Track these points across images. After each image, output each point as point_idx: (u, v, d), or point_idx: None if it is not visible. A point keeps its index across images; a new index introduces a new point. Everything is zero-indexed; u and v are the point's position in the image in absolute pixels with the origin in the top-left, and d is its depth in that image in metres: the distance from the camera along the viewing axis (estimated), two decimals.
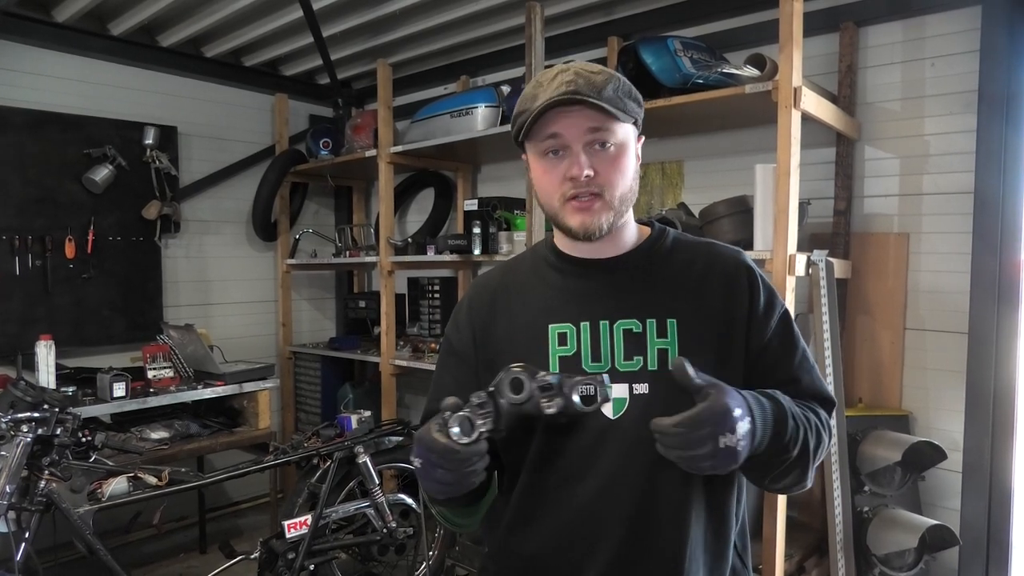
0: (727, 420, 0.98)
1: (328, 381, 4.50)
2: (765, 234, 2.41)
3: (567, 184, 1.15)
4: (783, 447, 1.09)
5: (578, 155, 1.14)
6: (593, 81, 1.13)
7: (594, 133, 1.14)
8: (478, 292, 1.34)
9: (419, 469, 1.07)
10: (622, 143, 1.17)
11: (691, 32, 3.11)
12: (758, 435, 1.04)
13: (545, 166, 1.18)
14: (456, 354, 1.31)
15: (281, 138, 4.54)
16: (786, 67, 2.27)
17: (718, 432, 0.97)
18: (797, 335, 1.24)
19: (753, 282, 1.22)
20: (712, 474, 1.03)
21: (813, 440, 1.14)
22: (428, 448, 1.04)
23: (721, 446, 0.97)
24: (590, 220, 1.15)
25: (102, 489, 2.53)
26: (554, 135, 1.15)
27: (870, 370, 2.85)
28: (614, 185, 1.16)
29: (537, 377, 1.04)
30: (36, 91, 3.61)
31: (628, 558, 1.15)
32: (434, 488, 1.07)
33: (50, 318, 3.58)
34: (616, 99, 1.14)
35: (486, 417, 1.03)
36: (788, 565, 2.51)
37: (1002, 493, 2.55)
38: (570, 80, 1.13)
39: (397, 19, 3.71)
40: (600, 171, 1.14)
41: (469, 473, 1.04)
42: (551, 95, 1.12)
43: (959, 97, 2.63)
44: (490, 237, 3.41)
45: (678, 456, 0.99)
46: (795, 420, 1.11)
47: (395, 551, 3.05)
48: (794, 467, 1.13)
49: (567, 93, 1.11)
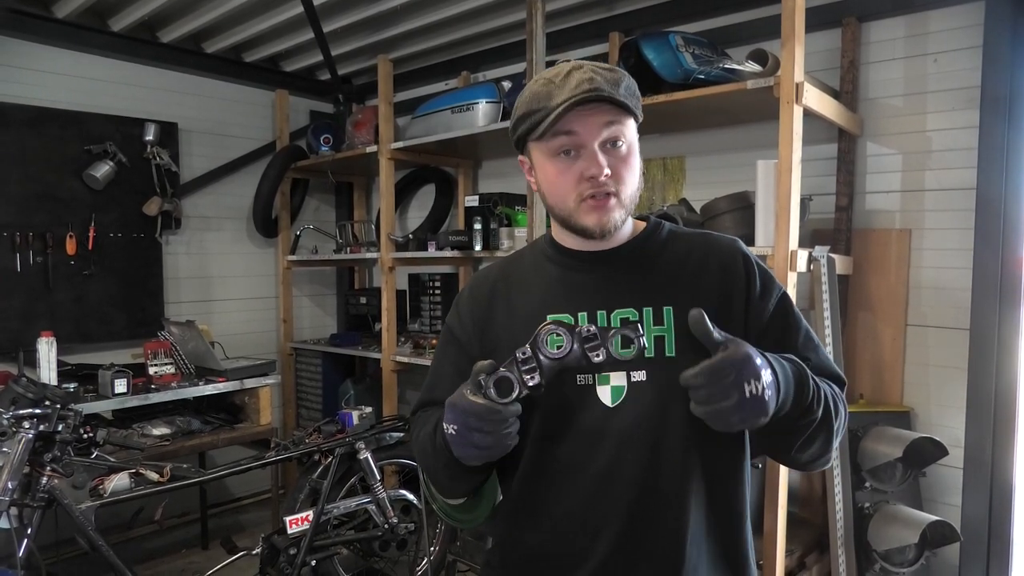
0: (750, 366, 0.98)
1: (329, 377, 4.50)
2: (767, 230, 2.40)
3: (584, 184, 1.15)
4: (808, 406, 1.08)
5: (595, 154, 1.14)
6: (609, 78, 1.14)
7: (609, 128, 1.14)
8: (478, 284, 1.35)
9: (454, 435, 1.06)
10: (631, 142, 1.18)
11: (693, 27, 3.11)
12: (782, 391, 1.03)
13: (559, 166, 1.17)
14: (456, 343, 1.32)
15: (282, 134, 4.54)
16: (788, 63, 2.27)
17: (743, 379, 0.97)
18: (798, 316, 1.24)
19: (749, 268, 1.22)
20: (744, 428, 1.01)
21: (833, 407, 1.14)
22: (465, 411, 1.04)
23: (747, 395, 0.97)
24: (606, 218, 1.16)
25: (104, 485, 2.53)
26: (570, 132, 1.14)
27: (871, 366, 2.85)
28: (627, 183, 1.17)
29: (577, 330, 1.04)
30: (37, 87, 3.60)
31: (630, 545, 1.16)
32: (471, 454, 1.06)
33: (51, 315, 3.59)
34: (629, 96, 1.16)
35: (531, 372, 1.03)
36: (789, 561, 2.51)
37: (1003, 489, 2.55)
38: (590, 78, 1.12)
39: (398, 15, 3.71)
40: (614, 170, 1.15)
41: (507, 435, 1.04)
42: (572, 93, 1.11)
43: (961, 93, 2.62)
44: (491, 233, 3.41)
45: (706, 412, 0.99)
46: (815, 381, 1.11)
47: (396, 547, 3.06)
48: (819, 432, 1.12)
49: (591, 91, 1.11)
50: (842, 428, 1.18)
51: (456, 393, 1.07)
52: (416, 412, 1.36)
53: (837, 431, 1.15)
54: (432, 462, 1.20)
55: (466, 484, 1.23)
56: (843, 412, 1.18)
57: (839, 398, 1.19)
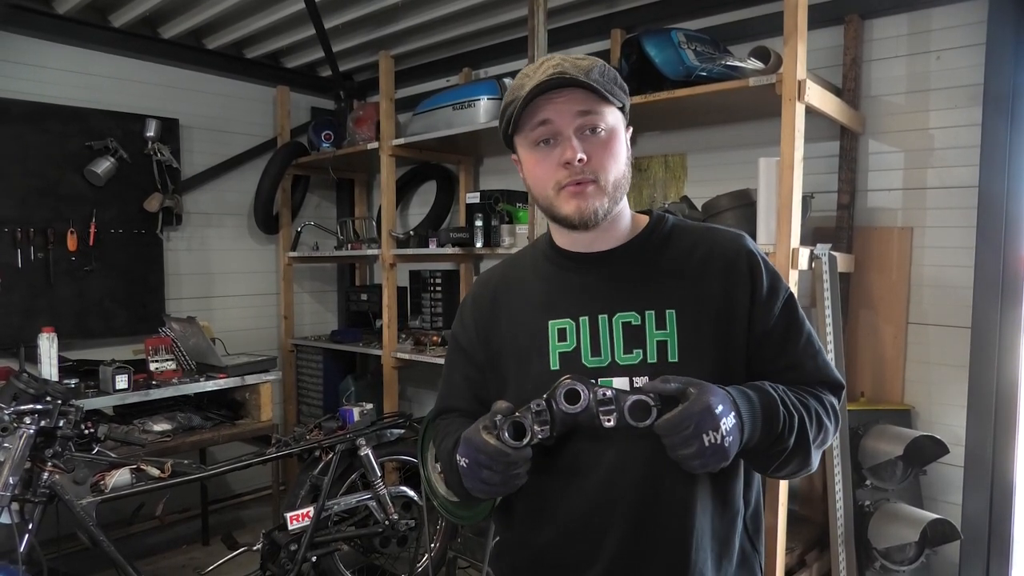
0: (709, 418, 0.99)
1: (330, 374, 4.50)
2: (768, 228, 2.40)
3: (561, 172, 1.14)
4: (777, 437, 1.09)
5: (570, 139, 1.13)
6: (579, 65, 1.14)
7: (584, 117, 1.14)
8: (480, 289, 1.36)
9: (465, 469, 1.09)
10: (612, 128, 1.17)
11: (695, 24, 3.10)
12: (747, 429, 1.05)
13: (537, 156, 1.17)
14: (463, 351, 1.33)
15: (283, 130, 4.53)
16: (790, 60, 2.26)
17: (701, 431, 0.99)
18: (802, 319, 1.23)
19: (755, 267, 1.20)
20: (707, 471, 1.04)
21: (813, 427, 1.13)
22: (477, 449, 1.06)
23: (707, 444, 0.99)
24: (585, 205, 1.14)
25: (105, 481, 2.54)
26: (544, 121, 1.14)
27: (872, 364, 2.85)
28: (607, 169, 1.15)
29: (594, 390, 1.07)
30: (37, 83, 3.60)
31: (636, 547, 1.16)
32: (479, 488, 1.10)
33: (52, 310, 3.59)
34: (603, 81, 1.14)
35: (543, 424, 1.06)
36: (789, 558, 2.52)
37: (1004, 488, 2.55)
38: (556, 64, 1.14)
39: (399, 11, 3.70)
40: (593, 156, 1.14)
41: (515, 476, 1.07)
42: (538, 79, 1.12)
43: (964, 91, 2.62)
44: (492, 230, 3.41)
45: (672, 456, 1.03)
46: (788, 409, 1.10)
47: (397, 543, 3.06)
48: (794, 456, 1.13)
49: (555, 75, 1.11)
50: (827, 439, 1.18)
51: (472, 428, 1.09)
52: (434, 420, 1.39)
53: (815, 447, 1.15)
54: (452, 477, 1.22)
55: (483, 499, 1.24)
56: (829, 425, 1.18)
57: (828, 410, 1.18)
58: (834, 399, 1.21)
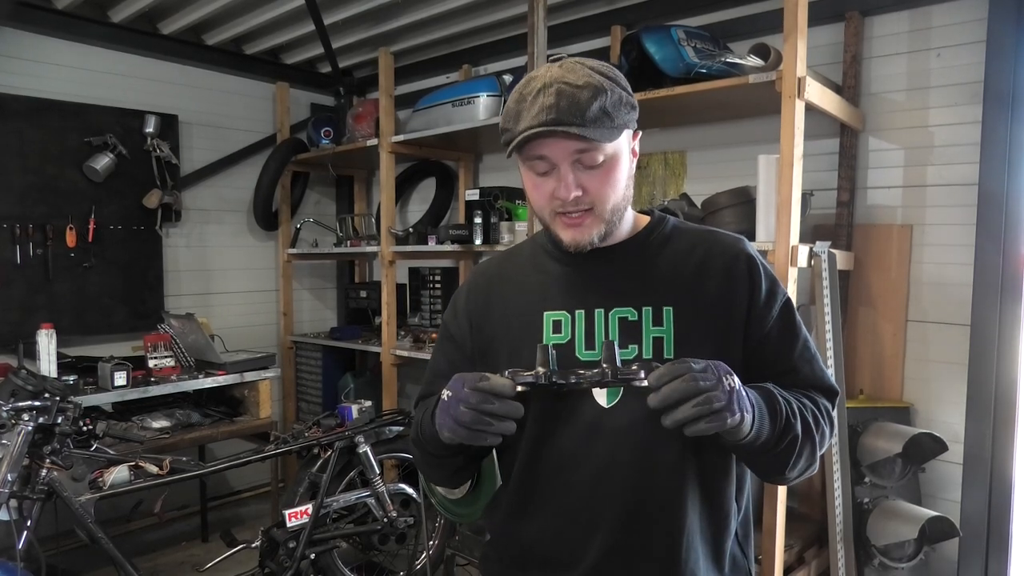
0: (723, 367, 0.99)
1: (329, 371, 4.50)
2: (768, 225, 2.40)
3: (556, 202, 1.14)
4: (784, 426, 1.08)
5: (566, 176, 1.11)
6: (578, 100, 1.05)
7: (582, 154, 1.10)
8: (476, 279, 1.35)
9: (444, 401, 1.04)
10: (612, 155, 1.12)
11: (695, 21, 3.09)
12: (756, 423, 1.03)
13: (534, 181, 1.16)
14: (452, 339, 1.32)
15: (282, 127, 4.53)
16: (790, 57, 2.26)
17: (721, 372, 0.98)
18: (798, 324, 1.23)
19: (754, 271, 1.20)
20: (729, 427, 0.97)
21: (813, 420, 1.13)
22: (463, 380, 1.03)
23: (727, 387, 0.96)
24: (580, 235, 1.15)
25: (103, 478, 2.53)
26: (541, 156, 1.12)
27: (872, 362, 2.85)
28: (605, 199, 1.14)
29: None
30: (36, 78, 3.59)
31: (625, 544, 1.15)
32: (446, 424, 1.03)
33: (51, 307, 3.58)
34: (602, 118, 1.07)
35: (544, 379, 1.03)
36: (788, 556, 2.52)
37: (1002, 485, 2.55)
38: (551, 105, 1.05)
39: (399, 7, 3.69)
40: (589, 188, 1.12)
41: (487, 424, 1.00)
42: (531, 122, 1.07)
43: (964, 88, 2.61)
44: (491, 227, 3.41)
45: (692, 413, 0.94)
46: (785, 398, 1.10)
47: (396, 540, 3.06)
48: (804, 445, 1.11)
49: (546, 123, 1.05)
50: (823, 442, 1.17)
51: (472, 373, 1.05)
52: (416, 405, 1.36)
53: (820, 443, 1.15)
54: (418, 436, 1.21)
55: (442, 470, 1.22)
56: (825, 429, 1.17)
57: (823, 413, 1.17)
58: (828, 404, 1.21)
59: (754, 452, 1.08)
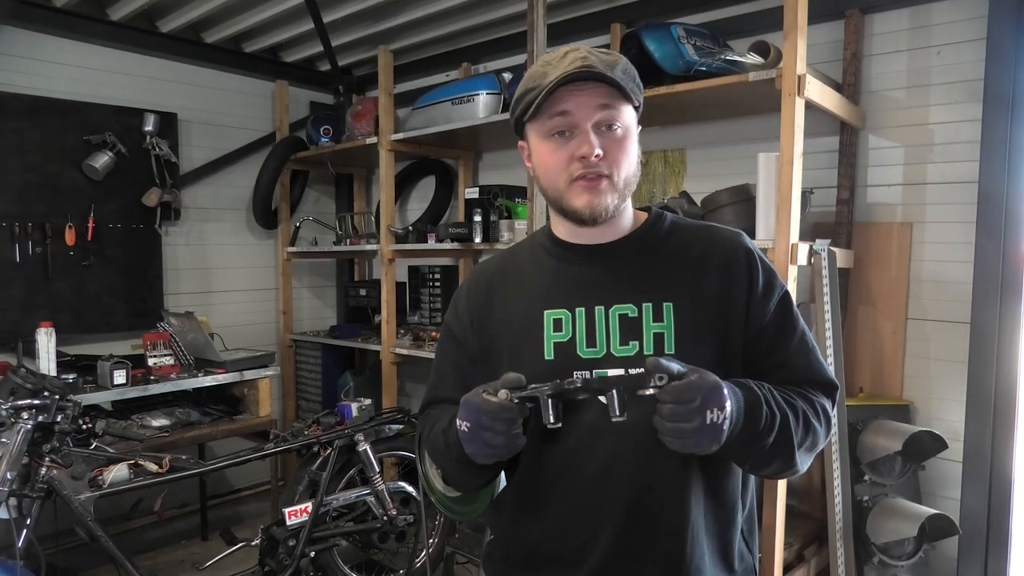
0: (717, 395, 0.99)
1: (329, 369, 4.50)
2: (768, 223, 2.39)
3: (575, 164, 1.14)
4: (757, 434, 1.07)
5: (588, 133, 1.13)
6: (605, 60, 1.14)
7: (604, 111, 1.13)
8: (476, 279, 1.35)
9: (466, 433, 1.07)
10: (627, 126, 1.17)
11: (695, 19, 3.09)
12: (732, 419, 1.03)
13: (551, 146, 1.16)
14: (455, 339, 1.32)
15: (281, 125, 4.53)
16: (790, 55, 2.26)
17: (707, 407, 0.98)
18: (796, 317, 1.23)
19: (752, 264, 1.20)
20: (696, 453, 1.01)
21: (799, 430, 1.12)
22: (479, 410, 1.04)
23: (707, 421, 0.97)
24: (597, 200, 1.15)
25: (103, 476, 2.53)
26: (564, 112, 1.13)
27: (871, 360, 2.84)
28: (621, 167, 1.16)
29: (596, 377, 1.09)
30: (35, 76, 3.59)
31: (630, 543, 1.15)
32: (481, 451, 1.07)
33: (50, 305, 3.58)
34: (626, 79, 1.15)
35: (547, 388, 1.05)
36: (788, 554, 2.52)
37: (1002, 483, 2.55)
38: (584, 56, 1.13)
39: (398, 5, 3.69)
40: (608, 152, 1.14)
41: (517, 435, 1.05)
42: (565, 69, 1.11)
43: (964, 86, 2.61)
44: (491, 225, 3.40)
45: (667, 428, 0.99)
46: (771, 408, 1.09)
47: (395, 538, 3.07)
48: (774, 456, 1.11)
49: (583, 68, 1.10)
50: (816, 440, 1.16)
51: (471, 392, 1.08)
52: (424, 410, 1.36)
53: (800, 449, 1.13)
54: (444, 459, 1.20)
55: (478, 479, 1.22)
56: (817, 427, 1.16)
57: (818, 412, 1.17)
58: (826, 401, 1.20)
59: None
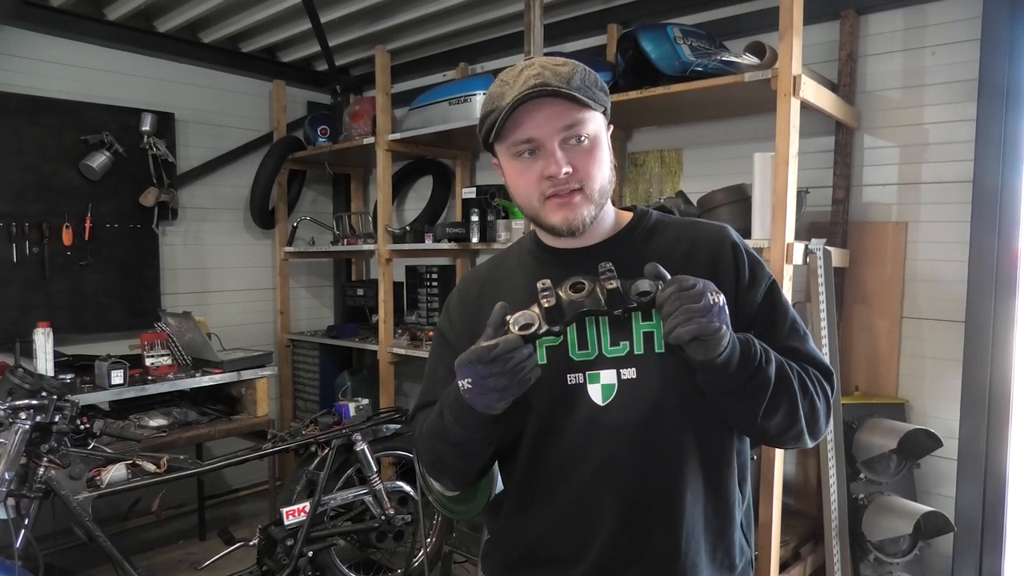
0: (712, 285, 1.02)
1: (326, 369, 4.50)
2: (763, 223, 2.41)
3: (545, 183, 1.15)
4: (756, 367, 1.07)
5: (554, 152, 1.13)
6: (559, 73, 1.12)
7: (567, 130, 1.13)
8: (467, 285, 1.36)
9: (470, 388, 1.05)
10: (595, 135, 1.16)
11: (691, 19, 3.10)
12: (728, 340, 1.03)
13: (520, 167, 1.17)
14: (448, 345, 1.32)
15: (279, 125, 4.53)
16: (786, 55, 2.27)
17: (706, 288, 1.00)
18: (785, 305, 1.23)
19: (738, 256, 1.21)
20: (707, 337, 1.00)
21: (795, 380, 1.12)
22: (478, 358, 1.02)
23: (711, 301, 0.99)
24: (573, 215, 1.15)
25: (101, 476, 2.54)
26: (529, 140, 1.14)
27: (867, 358, 2.86)
28: (593, 178, 1.15)
29: (599, 280, 1.08)
30: (32, 76, 3.58)
31: (626, 540, 1.16)
32: (489, 399, 1.05)
33: (48, 305, 3.58)
34: (584, 88, 1.13)
35: (550, 299, 1.06)
36: (784, 551, 2.53)
37: (996, 480, 2.57)
38: (537, 74, 1.12)
39: (396, 5, 3.69)
40: (578, 166, 1.14)
41: (521, 369, 1.03)
42: (520, 90, 1.11)
43: (959, 86, 2.62)
44: (488, 225, 3.41)
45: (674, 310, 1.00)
46: (764, 348, 1.10)
47: (393, 538, 3.07)
48: (780, 398, 1.10)
49: (537, 86, 1.10)
50: (819, 407, 1.16)
51: (466, 352, 1.05)
52: (416, 414, 1.35)
53: (808, 407, 1.13)
54: (441, 445, 1.19)
55: (476, 463, 1.21)
56: (815, 393, 1.15)
57: (814, 381, 1.17)
58: (824, 382, 1.20)
59: (726, 385, 1.07)
